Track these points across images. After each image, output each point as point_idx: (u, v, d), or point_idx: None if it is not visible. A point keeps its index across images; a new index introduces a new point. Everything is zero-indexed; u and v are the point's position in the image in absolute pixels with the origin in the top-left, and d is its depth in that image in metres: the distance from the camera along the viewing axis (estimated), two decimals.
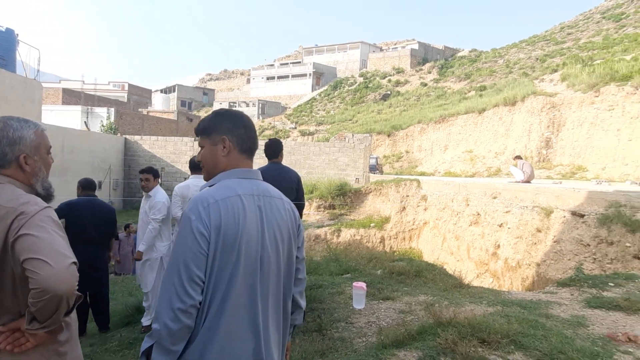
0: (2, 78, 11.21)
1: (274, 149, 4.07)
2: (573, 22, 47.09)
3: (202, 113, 51.74)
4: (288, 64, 58.74)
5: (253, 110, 48.12)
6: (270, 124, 44.68)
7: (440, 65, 48.59)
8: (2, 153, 1.52)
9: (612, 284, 4.61)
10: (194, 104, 59.12)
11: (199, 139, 1.55)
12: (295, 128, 42.52)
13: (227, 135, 1.49)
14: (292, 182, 4.02)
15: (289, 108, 50.71)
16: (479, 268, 10.12)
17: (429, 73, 47.81)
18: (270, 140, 4.11)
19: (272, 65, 60.09)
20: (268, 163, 4.08)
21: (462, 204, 11.81)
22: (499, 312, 3.71)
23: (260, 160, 3.83)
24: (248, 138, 1.53)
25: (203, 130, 1.53)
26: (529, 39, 47.38)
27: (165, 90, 60.66)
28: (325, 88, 52.21)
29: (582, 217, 7.10)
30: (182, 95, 58.52)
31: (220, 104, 52.10)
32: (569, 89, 20.18)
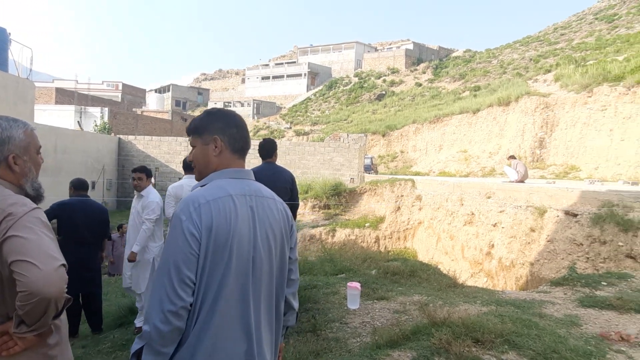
0: None
1: (268, 149, 4.06)
2: (566, 22, 47.40)
3: (196, 113, 51.43)
4: (283, 64, 58.66)
5: (248, 110, 48.02)
6: (265, 124, 44.61)
7: (435, 66, 48.77)
8: None
9: (605, 283, 4.64)
10: (189, 104, 58.87)
11: (191, 139, 1.53)
12: (290, 128, 42.49)
13: (218, 135, 1.48)
14: (286, 182, 4.02)
15: (284, 108, 50.66)
16: (473, 267, 10.15)
17: (424, 73, 47.96)
18: (265, 140, 4.10)
19: (267, 65, 59.98)
20: (262, 163, 4.07)
21: (456, 204, 11.85)
22: (493, 311, 3.72)
23: (255, 160, 3.82)
24: (240, 138, 1.52)
25: (194, 130, 1.52)
26: (523, 40, 47.64)
27: (160, 90, 60.36)
28: (320, 88, 52.21)
29: (575, 216, 7.14)
30: (176, 95, 58.25)
31: (215, 104, 51.92)
32: (562, 90, 20.32)
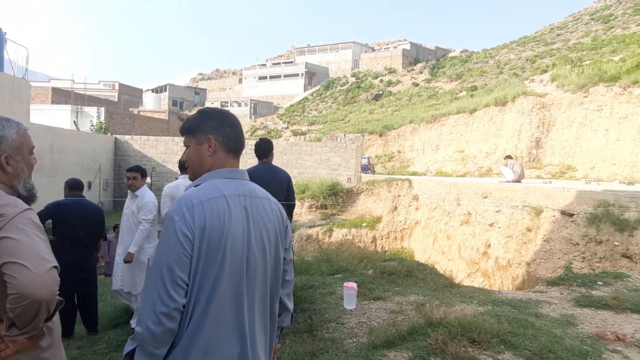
0: None
1: (265, 149, 4.04)
2: (562, 23, 47.58)
3: (193, 113, 51.29)
4: (280, 64, 58.62)
5: (245, 110, 47.94)
6: (263, 124, 44.56)
7: (432, 66, 48.84)
8: None
9: (600, 283, 4.65)
10: (186, 104, 58.73)
11: (185, 138, 1.52)
12: (288, 128, 42.45)
13: (212, 135, 1.47)
14: (282, 182, 4.01)
15: (281, 108, 50.62)
16: (470, 267, 10.17)
17: (421, 73, 48.02)
18: (261, 140, 4.09)
19: (264, 65, 59.92)
20: (258, 163, 4.05)
21: (453, 204, 11.86)
22: (489, 311, 3.72)
23: (252, 160, 3.80)
24: (234, 137, 1.50)
25: (188, 130, 1.51)
26: (519, 40, 47.77)
27: (157, 90, 60.17)
28: (318, 88, 52.19)
29: (571, 216, 7.16)
30: (173, 95, 58.09)
31: (212, 104, 51.78)
32: (559, 90, 20.40)
